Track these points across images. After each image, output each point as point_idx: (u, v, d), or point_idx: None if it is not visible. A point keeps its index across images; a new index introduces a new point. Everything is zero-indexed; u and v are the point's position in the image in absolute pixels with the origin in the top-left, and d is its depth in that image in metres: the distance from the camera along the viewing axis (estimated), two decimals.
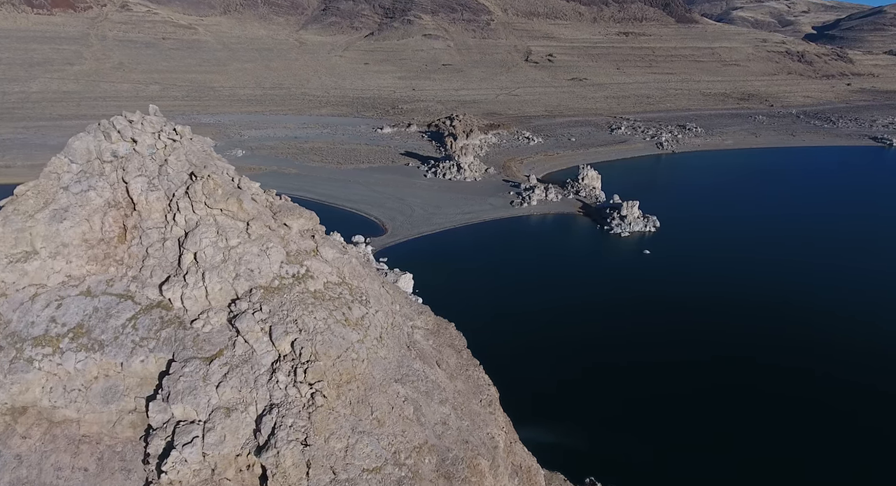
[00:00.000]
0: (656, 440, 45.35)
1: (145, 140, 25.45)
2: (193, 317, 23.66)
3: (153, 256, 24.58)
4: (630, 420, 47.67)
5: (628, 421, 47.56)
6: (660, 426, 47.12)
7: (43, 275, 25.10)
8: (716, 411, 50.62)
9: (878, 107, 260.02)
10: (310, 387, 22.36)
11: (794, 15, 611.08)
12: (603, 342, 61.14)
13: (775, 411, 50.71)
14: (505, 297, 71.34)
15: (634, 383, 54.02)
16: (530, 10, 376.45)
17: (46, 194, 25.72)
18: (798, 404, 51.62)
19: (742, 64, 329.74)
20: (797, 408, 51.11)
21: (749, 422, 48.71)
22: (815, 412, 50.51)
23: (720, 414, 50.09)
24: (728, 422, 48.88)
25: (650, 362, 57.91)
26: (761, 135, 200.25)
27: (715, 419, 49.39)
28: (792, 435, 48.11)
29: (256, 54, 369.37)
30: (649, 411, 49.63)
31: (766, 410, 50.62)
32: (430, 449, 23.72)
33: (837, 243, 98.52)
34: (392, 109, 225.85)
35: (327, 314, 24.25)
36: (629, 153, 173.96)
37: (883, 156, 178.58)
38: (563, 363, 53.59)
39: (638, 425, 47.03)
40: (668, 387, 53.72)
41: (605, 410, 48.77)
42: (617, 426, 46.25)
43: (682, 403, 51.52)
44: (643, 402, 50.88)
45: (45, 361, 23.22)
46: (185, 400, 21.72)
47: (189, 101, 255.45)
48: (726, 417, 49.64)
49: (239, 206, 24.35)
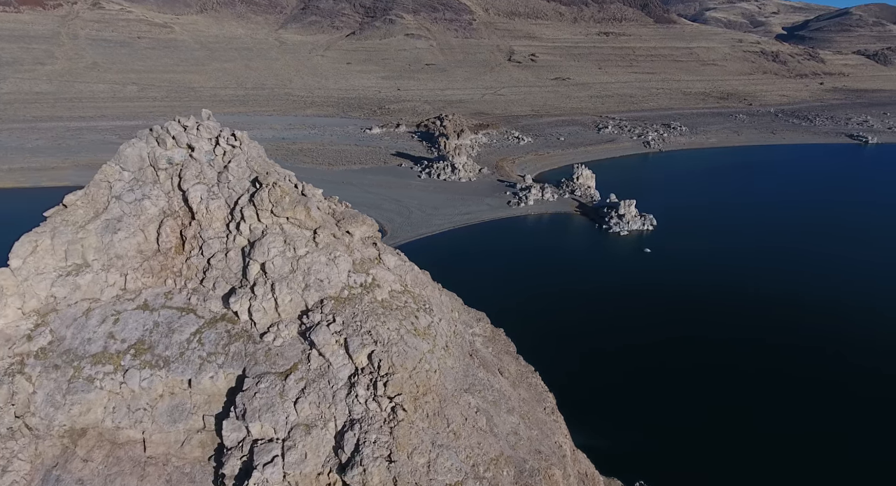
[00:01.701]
0: (688, 438, 45.76)
1: (202, 146, 24.44)
2: (263, 330, 22.80)
3: (215, 267, 23.62)
4: (665, 421, 48.01)
5: (663, 422, 47.88)
6: (692, 425, 47.63)
7: (96, 289, 23.92)
8: (751, 409, 51.28)
9: (850, 105, 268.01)
10: (390, 401, 21.72)
11: (764, 16, 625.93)
12: (626, 344, 61.51)
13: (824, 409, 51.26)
14: (517, 299, 71.12)
15: (663, 383, 54.54)
16: (511, 10, 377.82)
17: (97, 204, 24.53)
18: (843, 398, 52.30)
19: (719, 64, 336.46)
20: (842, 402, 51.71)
21: (798, 424, 49.44)
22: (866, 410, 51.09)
23: (756, 412, 50.76)
24: (766, 421, 49.50)
25: (677, 361, 58.62)
26: (743, 133, 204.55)
27: (749, 417, 49.99)
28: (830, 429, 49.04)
29: (236, 54, 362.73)
30: (679, 410, 50.08)
31: (815, 410, 51.23)
32: (506, 461, 23.28)
33: (830, 235, 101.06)
34: (379, 110, 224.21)
35: (398, 324, 23.63)
36: (618, 152, 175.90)
37: (861, 153, 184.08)
38: (590, 365, 53.59)
39: (672, 424, 47.43)
40: (700, 386, 54.38)
41: (640, 411, 49.03)
42: (650, 427, 46.46)
43: (712, 400, 52.16)
44: (671, 401, 51.32)
45: (106, 379, 22.12)
46: (263, 418, 20.88)
47: (169, 101, 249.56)
48: (763, 415, 50.32)
49: (306, 214, 23.52)
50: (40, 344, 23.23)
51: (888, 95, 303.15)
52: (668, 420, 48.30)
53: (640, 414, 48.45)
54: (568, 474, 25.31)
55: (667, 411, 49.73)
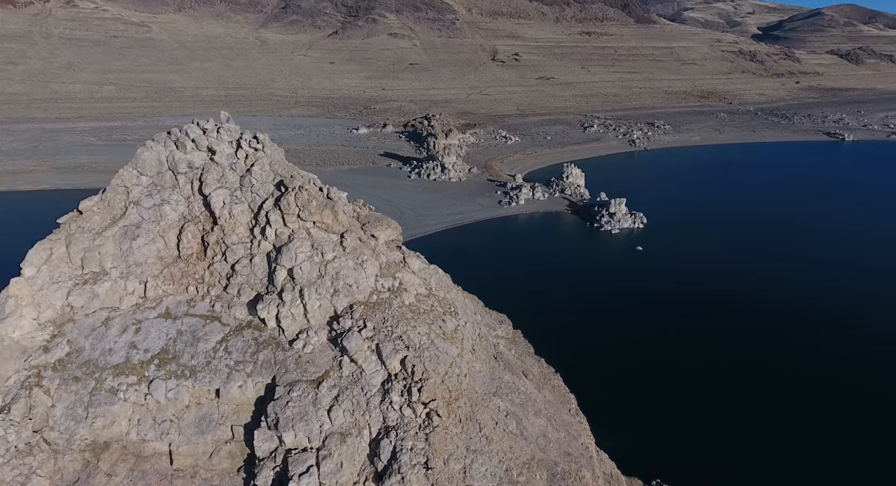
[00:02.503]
0: (701, 436, 46.37)
1: (223, 149, 23.85)
2: (291, 337, 22.33)
3: (240, 273, 23.07)
4: (675, 418, 48.47)
5: (673, 419, 48.31)
6: (704, 422, 48.26)
7: (115, 297, 23.20)
8: (762, 404, 52.02)
9: (826, 104, 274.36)
10: (424, 406, 21.44)
11: (740, 16, 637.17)
12: (629, 342, 61.96)
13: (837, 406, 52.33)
14: (515, 299, 71.00)
15: (670, 380, 55.05)
16: (494, 10, 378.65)
17: (114, 210, 23.78)
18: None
19: (699, 63, 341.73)
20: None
21: (801, 419, 50.34)
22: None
23: (765, 407, 51.53)
24: (776, 417, 50.27)
25: (680, 358, 59.29)
26: (725, 131, 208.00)
27: (760, 412, 50.73)
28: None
29: (216, 53, 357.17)
30: (690, 407, 50.65)
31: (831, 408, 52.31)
32: (538, 464, 23.17)
33: (815, 231, 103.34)
34: (365, 110, 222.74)
35: (428, 329, 23.36)
36: (604, 151, 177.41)
37: (839, 150, 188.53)
38: (594, 363, 53.69)
39: (682, 421, 47.96)
40: (707, 382, 55.06)
41: (650, 408, 49.43)
42: (660, 425, 46.83)
43: (721, 396, 52.87)
44: (680, 398, 51.90)
45: (130, 391, 21.46)
46: (297, 427, 20.44)
47: (149, 102, 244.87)
48: (774, 410, 51.13)
49: (334, 217, 23.10)
50: (58, 356, 22.46)
51: (861, 94, 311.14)
52: (679, 418, 48.82)
53: (651, 412, 48.84)
54: (597, 475, 25.32)
55: (676, 408, 50.24)
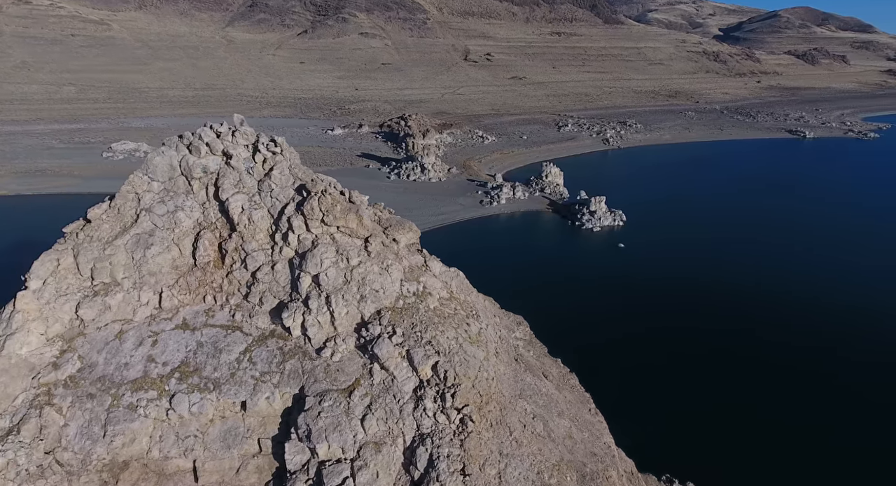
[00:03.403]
0: (705, 430, 47.35)
1: (240, 153, 23.03)
2: (318, 345, 21.74)
3: (262, 281, 22.34)
4: (676, 413, 49.34)
5: (673, 414, 49.18)
6: (707, 416, 49.29)
7: (128, 309, 22.19)
8: (761, 396, 53.38)
9: (786, 102, 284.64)
10: (458, 412, 21.19)
11: (702, 17, 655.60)
12: (625, 338, 62.82)
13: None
14: (504, 299, 71.27)
15: (668, 374, 56.03)
16: (465, 10, 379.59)
17: (125, 218, 22.73)
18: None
19: (666, 63, 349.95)
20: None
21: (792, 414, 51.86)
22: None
23: (764, 400, 52.88)
24: (773, 411, 51.64)
25: (675, 354, 60.43)
26: (693, 129, 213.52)
27: (759, 405, 52.03)
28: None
29: (181, 53, 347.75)
30: (691, 401, 51.61)
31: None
32: (567, 466, 23.18)
33: (785, 224, 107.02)
34: (339, 110, 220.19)
35: (455, 333, 23.09)
36: (579, 150, 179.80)
37: (801, 146, 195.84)
38: (593, 361, 54.00)
39: (684, 416, 48.85)
40: (704, 376, 56.30)
41: (651, 404, 50.17)
42: (661, 420, 47.58)
43: (722, 390, 54.11)
44: (679, 393, 52.87)
45: (150, 406, 20.55)
46: (331, 438, 19.92)
47: (113, 103, 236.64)
48: (771, 404, 52.53)
49: (358, 222, 22.58)
50: (68, 372, 21.35)
51: (818, 93, 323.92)
52: (680, 414, 49.72)
53: (653, 408, 49.60)
54: (621, 474, 25.50)
55: (677, 404, 51.14)
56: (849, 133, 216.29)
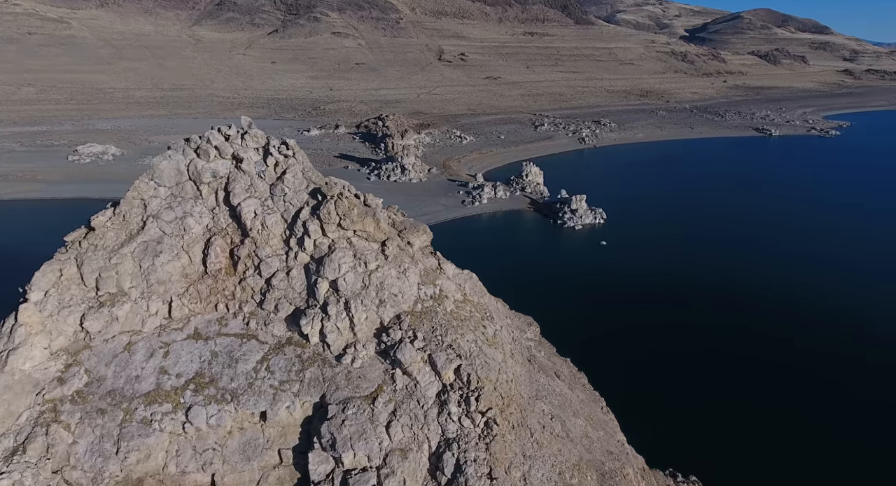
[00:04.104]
0: (705, 424, 48.26)
1: (251, 157, 22.39)
2: (338, 352, 21.31)
3: (277, 287, 21.77)
4: (676, 408, 50.12)
5: (674, 409, 49.96)
6: (706, 410, 50.19)
7: (136, 320, 21.35)
8: (757, 390, 54.57)
9: (752, 101, 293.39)
10: (482, 415, 21.05)
11: (668, 18, 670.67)
12: (621, 335, 63.57)
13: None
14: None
15: (665, 370, 56.96)
16: (438, 10, 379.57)
17: (130, 225, 21.85)
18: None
19: (636, 63, 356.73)
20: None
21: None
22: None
23: (758, 394, 54.09)
24: (768, 404, 52.94)
25: (669, 349, 61.51)
26: (665, 128, 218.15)
27: (753, 399, 53.25)
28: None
29: (146, 52, 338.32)
30: (690, 395, 52.50)
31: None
32: (587, 465, 23.29)
33: (758, 218, 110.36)
34: (314, 110, 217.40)
35: (474, 336, 22.95)
36: (556, 149, 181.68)
37: (768, 144, 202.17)
38: (592, 357, 54.53)
39: (684, 411, 49.67)
40: (701, 371, 57.29)
41: (652, 399, 50.88)
42: (661, 415, 48.16)
43: (720, 384, 55.18)
44: (678, 387, 53.78)
45: (166, 420, 19.82)
46: (357, 446, 19.54)
47: (76, 104, 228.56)
48: (766, 398, 53.88)
49: (376, 225, 22.22)
50: (75, 387, 20.42)
51: (780, 92, 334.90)
52: (677, 408, 50.61)
53: (652, 403, 50.31)
54: (636, 471, 25.76)
55: (673, 399, 52.04)
56: (812, 131, 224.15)
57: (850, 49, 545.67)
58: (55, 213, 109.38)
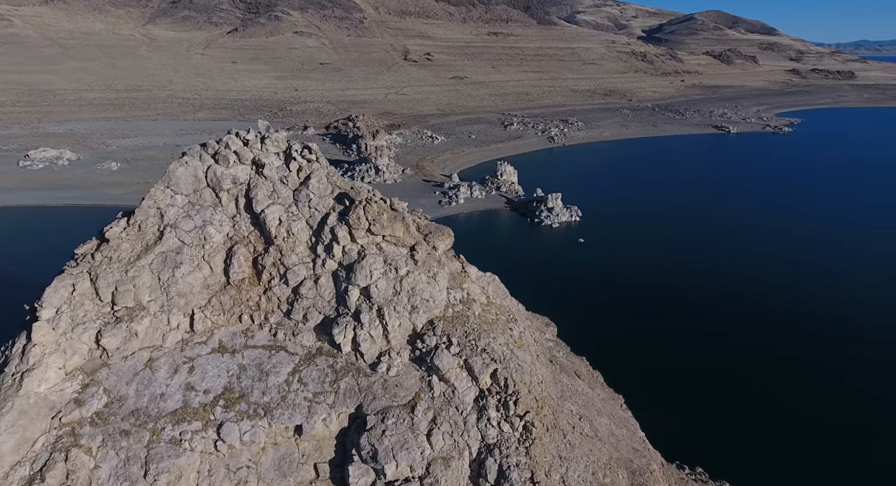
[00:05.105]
0: (702, 424, 49.09)
1: (273, 162, 21.56)
2: (372, 361, 20.78)
3: (305, 296, 21.05)
4: (683, 408, 50.90)
5: (682, 409, 50.69)
6: (701, 409, 51.01)
7: (156, 335, 20.31)
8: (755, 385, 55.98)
9: (709, 100, 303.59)
10: (520, 419, 20.92)
11: (626, 19, 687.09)
12: (611, 332, 64.21)
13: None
14: None
15: (666, 366, 57.78)
16: (402, 9, 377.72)
17: (147, 235, 20.75)
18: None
19: (598, 63, 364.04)
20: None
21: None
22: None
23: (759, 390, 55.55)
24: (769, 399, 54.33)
25: (664, 343, 62.63)
26: (630, 127, 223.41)
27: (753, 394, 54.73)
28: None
29: (97, 51, 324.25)
30: (691, 396, 53.19)
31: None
32: (616, 463, 23.47)
33: (725, 212, 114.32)
34: (280, 111, 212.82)
35: (504, 339, 22.78)
36: (526, 148, 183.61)
37: (726, 140, 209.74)
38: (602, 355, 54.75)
39: (689, 411, 50.44)
40: (701, 368, 58.11)
41: (658, 397, 51.42)
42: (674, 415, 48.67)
43: (698, 378, 56.23)
44: (682, 386, 54.53)
45: (196, 439, 18.91)
46: (399, 456, 19.11)
47: (23, 106, 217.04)
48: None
49: (405, 230, 21.76)
50: (94, 408, 19.26)
51: (735, 91, 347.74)
52: (679, 401, 51.48)
53: (653, 401, 50.87)
54: (659, 467, 26.12)
55: (673, 396, 52.83)
56: (766, 128, 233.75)
57: (796, 50, 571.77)
58: (11, 222, 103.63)
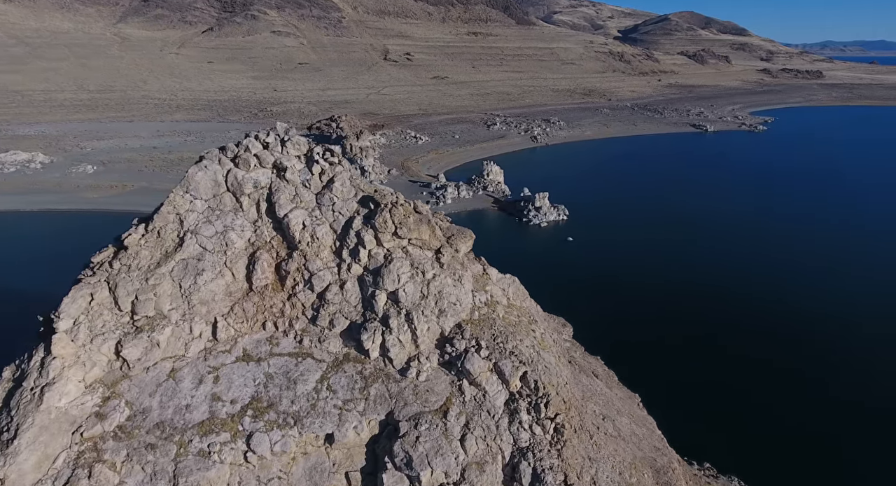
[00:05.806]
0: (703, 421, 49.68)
1: (294, 165, 21.08)
2: (401, 366, 20.47)
3: (331, 302, 20.63)
4: (688, 406, 51.32)
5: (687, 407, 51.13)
6: (703, 407, 51.69)
7: (178, 344, 19.70)
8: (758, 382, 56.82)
9: (686, 99, 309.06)
10: (551, 421, 20.83)
11: (602, 20, 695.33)
12: (610, 331, 64.42)
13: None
14: None
15: (665, 363, 58.43)
16: (380, 9, 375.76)
17: (166, 242, 20.10)
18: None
19: (577, 63, 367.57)
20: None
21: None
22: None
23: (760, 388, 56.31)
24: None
25: (659, 340, 63.36)
26: (611, 126, 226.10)
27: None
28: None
29: (66, 51, 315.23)
30: (697, 393, 53.85)
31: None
32: (641, 462, 23.58)
33: (713, 206, 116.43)
34: (261, 112, 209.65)
35: (530, 341, 22.68)
36: (510, 148, 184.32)
37: (704, 139, 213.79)
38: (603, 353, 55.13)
39: (692, 409, 50.92)
40: (701, 365, 58.67)
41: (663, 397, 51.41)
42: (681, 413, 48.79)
43: (694, 374, 56.93)
44: (687, 383, 55.20)
45: (225, 450, 18.41)
46: (434, 463, 18.86)
47: None
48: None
49: (431, 233, 21.50)
50: (117, 421, 18.58)
51: (710, 90, 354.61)
52: (684, 398, 51.93)
53: (657, 399, 51.16)
54: (679, 464, 26.33)
55: (674, 394, 53.23)
56: (742, 126, 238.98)
57: (766, 50, 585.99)
58: None
